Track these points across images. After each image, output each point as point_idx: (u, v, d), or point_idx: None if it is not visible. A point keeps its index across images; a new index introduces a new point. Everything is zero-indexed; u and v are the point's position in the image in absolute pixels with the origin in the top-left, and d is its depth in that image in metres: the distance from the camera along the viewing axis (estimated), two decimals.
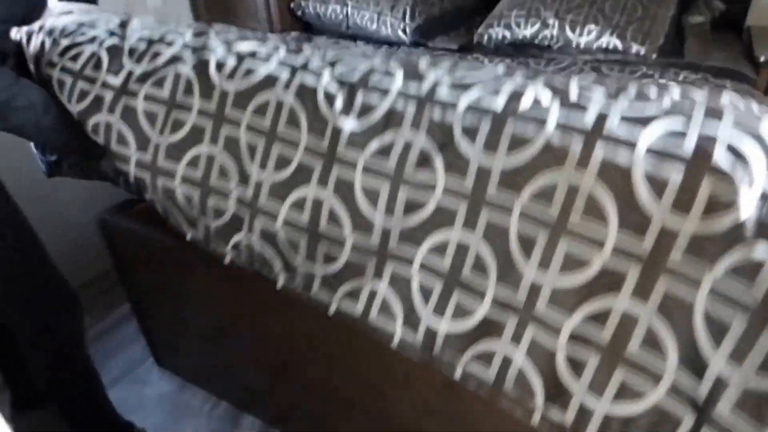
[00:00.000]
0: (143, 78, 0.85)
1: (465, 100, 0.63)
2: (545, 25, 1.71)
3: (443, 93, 0.65)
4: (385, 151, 0.65)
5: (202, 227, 0.81)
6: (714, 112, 0.58)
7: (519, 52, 1.74)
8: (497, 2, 1.89)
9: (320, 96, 0.70)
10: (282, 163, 0.72)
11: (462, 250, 0.62)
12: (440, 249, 0.64)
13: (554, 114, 0.60)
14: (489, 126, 0.61)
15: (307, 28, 2.25)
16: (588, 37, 1.65)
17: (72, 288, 0.99)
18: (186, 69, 0.81)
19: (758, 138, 0.54)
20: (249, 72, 0.76)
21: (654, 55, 1.56)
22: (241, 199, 0.76)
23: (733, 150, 0.53)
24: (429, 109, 0.64)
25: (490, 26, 1.82)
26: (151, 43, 0.88)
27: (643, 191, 0.54)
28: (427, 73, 0.69)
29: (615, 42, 1.62)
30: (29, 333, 0.96)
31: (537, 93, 0.62)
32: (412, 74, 0.69)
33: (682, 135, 0.55)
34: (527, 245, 0.59)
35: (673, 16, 1.67)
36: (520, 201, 0.59)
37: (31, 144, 1.11)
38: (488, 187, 0.60)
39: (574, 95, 0.62)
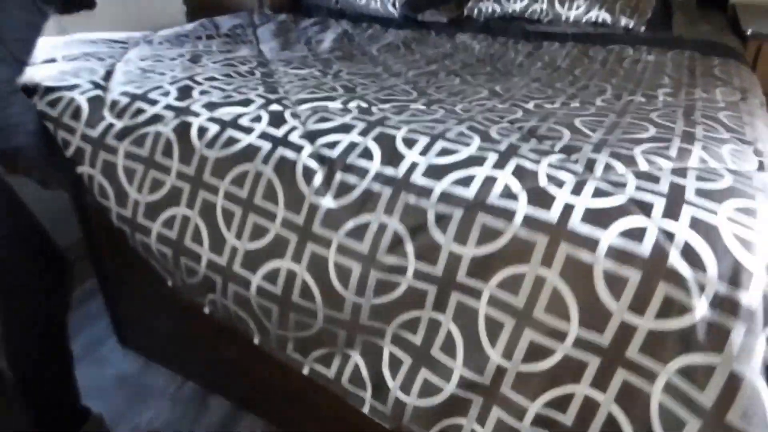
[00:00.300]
0: (123, 134, 0.84)
1: (439, 188, 0.64)
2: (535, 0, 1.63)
3: (418, 178, 0.66)
4: (359, 233, 0.67)
5: (179, 279, 0.85)
6: (675, 204, 0.58)
7: (509, 25, 1.67)
8: None
9: (299, 171, 0.71)
10: (258, 233, 0.73)
11: (433, 328, 0.66)
12: (411, 326, 0.67)
13: (522, 207, 0.61)
14: (461, 216, 0.62)
15: (298, 2, 2.16)
16: (577, 11, 1.59)
17: (62, 252, 0.94)
18: (167, 130, 0.80)
19: (712, 240, 0.55)
20: (230, 141, 0.76)
21: (643, 28, 1.50)
22: (212, 263, 0.78)
23: (687, 254, 0.54)
24: (404, 194, 0.65)
25: (480, 0, 1.73)
26: (134, 98, 0.87)
27: (603, 290, 0.57)
28: (404, 152, 0.69)
29: (604, 15, 1.57)
30: (15, 298, 0.91)
31: (507, 181, 0.63)
32: (390, 154, 0.69)
33: (641, 234, 0.56)
34: (494, 330, 0.62)
35: None
36: (488, 287, 0.62)
37: None
38: (458, 272, 0.63)
39: (543, 180, 0.63)
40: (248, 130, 0.76)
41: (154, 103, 0.85)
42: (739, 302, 0.52)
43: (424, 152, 0.68)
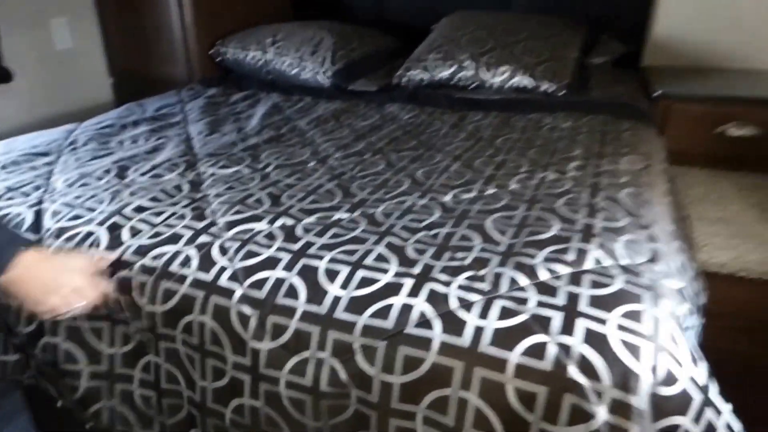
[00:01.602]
0: None
1: (361, 322, 0.73)
2: (461, 67, 1.79)
3: (341, 314, 0.74)
4: (300, 369, 0.75)
5: (157, 424, 0.90)
6: (570, 317, 0.69)
7: (436, 92, 1.81)
8: (416, 47, 1.95)
9: (234, 318, 0.79)
10: (217, 375, 0.81)
11: None
12: None
13: (437, 335, 0.70)
14: (384, 347, 0.71)
15: (228, 73, 2.24)
16: (501, 77, 1.74)
17: None
18: (112, 291, 0.86)
19: (602, 350, 0.65)
20: (168, 294, 0.83)
21: (562, 92, 1.66)
22: (191, 399, 0.85)
23: (583, 366, 0.65)
24: (331, 330, 0.74)
25: (409, 69, 1.89)
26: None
27: (517, 405, 0.66)
28: (327, 287, 0.78)
29: (526, 81, 1.72)
30: None
31: (422, 308, 0.72)
32: (313, 290, 0.78)
33: (542, 351, 0.66)
34: None
35: (577, 58, 1.79)
36: (420, 409, 0.70)
37: None
38: (392, 399, 0.71)
39: (453, 303, 0.72)
40: (181, 279, 0.84)
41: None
42: (631, 405, 0.63)
43: (344, 285, 0.77)
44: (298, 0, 2.63)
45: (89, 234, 0.94)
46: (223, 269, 0.83)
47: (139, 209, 1.01)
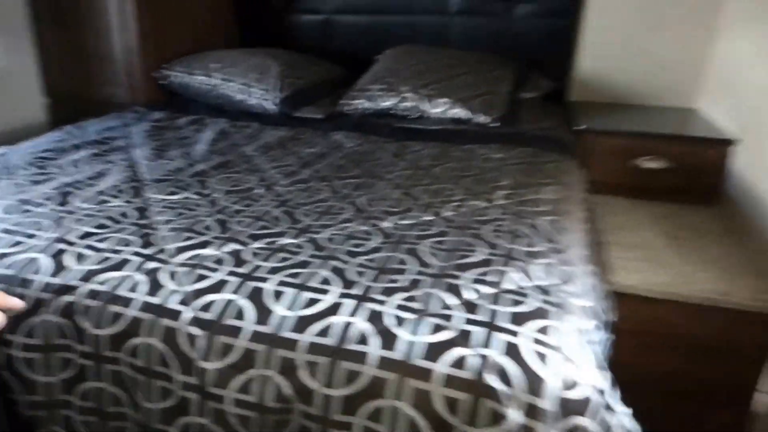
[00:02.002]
0: (14, 328, 0.91)
1: (305, 339, 0.81)
2: (403, 98, 1.92)
3: (287, 333, 0.82)
4: (247, 387, 0.82)
5: None
6: (490, 331, 0.80)
7: (379, 121, 1.93)
8: (360, 76, 2.08)
9: (182, 339, 0.85)
10: (164, 395, 0.86)
11: None
12: None
13: (375, 350, 0.79)
14: (327, 363, 0.79)
15: (173, 96, 2.28)
16: (441, 108, 1.89)
17: None
18: (55, 317, 0.90)
19: (516, 360, 0.76)
20: (115, 318, 0.88)
21: (496, 124, 1.83)
22: (136, 420, 0.89)
23: (500, 374, 0.75)
24: (277, 348, 0.82)
25: (354, 98, 2.00)
26: (9, 282, 0.94)
27: (443, 410, 0.76)
28: (273, 308, 0.86)
29: (463, 113, 1.88)
30: None
31: (361, 327, 0.82)
32: (261, 311, 0.85)
33: (465, 362, 0.76)
34: None
35: (510, 92, 1.97)
36: (358, 419, 0.78)
37: None
38: (332, 411, 0.79)
39: (389, 321, 0.82)
40: (127, 302, 0.89)
41: (29, 284, 0.94)
42: (539, 408, 0.74)
43: (290, 306, 0.85)
44: (245, 28, 2.72)
45: (31, 260, 0.98)
46: (171, 292, 0.89)
47: (85, 236, 1.05)
